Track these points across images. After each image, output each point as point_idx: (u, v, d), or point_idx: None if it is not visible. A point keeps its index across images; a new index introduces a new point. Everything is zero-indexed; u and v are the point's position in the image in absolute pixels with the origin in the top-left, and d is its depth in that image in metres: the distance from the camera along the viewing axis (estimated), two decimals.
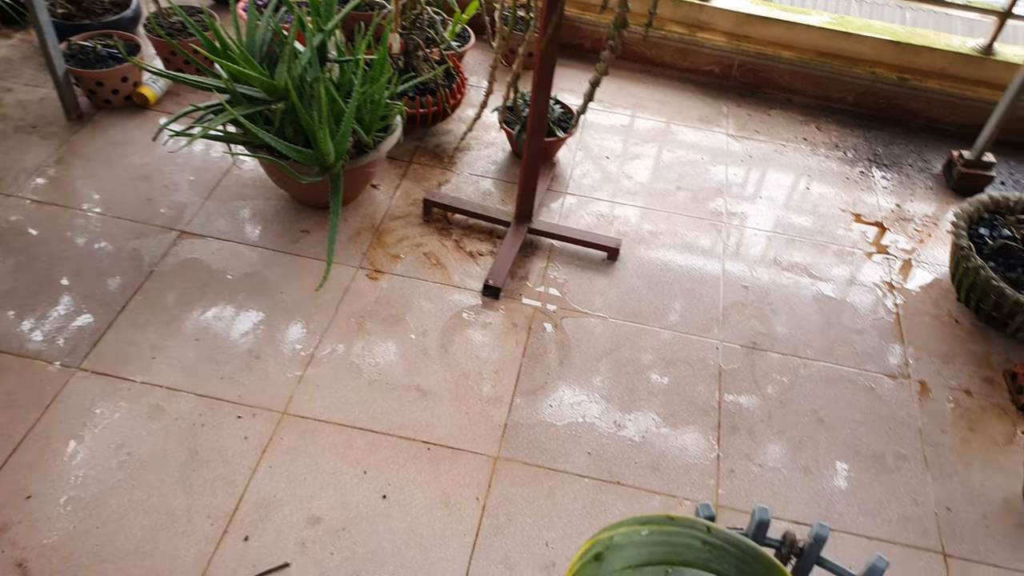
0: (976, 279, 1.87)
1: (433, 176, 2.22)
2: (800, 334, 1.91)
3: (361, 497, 1.48)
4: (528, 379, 1.72)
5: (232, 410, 1.59)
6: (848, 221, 2.27)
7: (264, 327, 1.75)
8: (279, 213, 2.03)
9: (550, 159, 2.26)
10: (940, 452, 1.70)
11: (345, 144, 1.80)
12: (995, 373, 1.88)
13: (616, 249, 1.99)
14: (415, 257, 1.97)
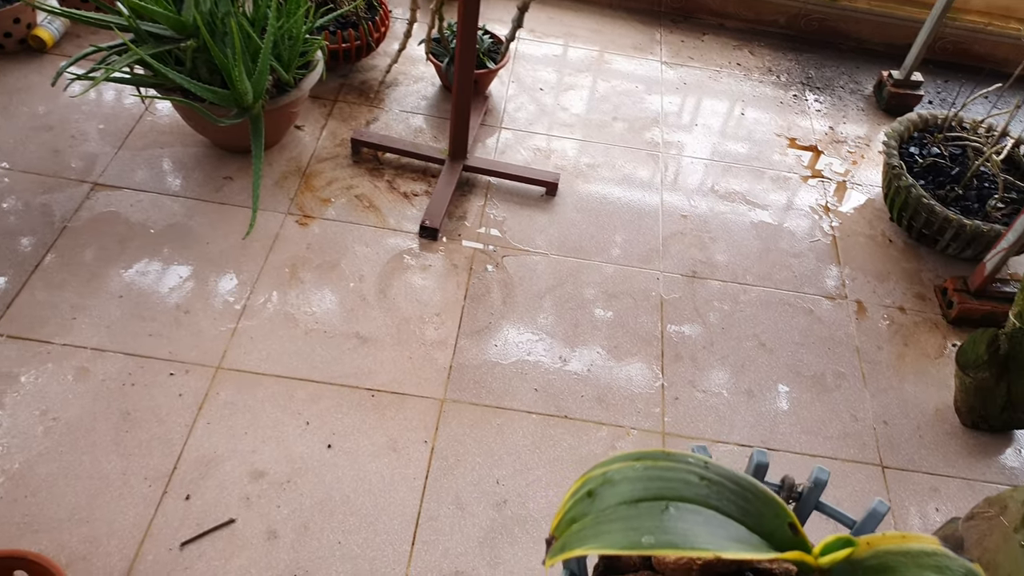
0: (907, 198, 1.90)
1: (360, 114, 2.13)
2: (739, 261, 1.92)
3: (305, 448, 1.45)
4: (471, 320, 1.69)
5: (164, 367, 1.53)
6: (783, 146, 2.27)
7: (192, 280, 1.67)
8: (200, 160, 1.93)
9: (482, 92, 2.19)
10: (877, 369, 1.74)
11: (263, 83, 1.70)
12: (927, 289, 1.92)
13: (554, 184, 1.95)
14: (346, 200, 1.90)
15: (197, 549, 1.31)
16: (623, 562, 0.47)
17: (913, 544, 0.38)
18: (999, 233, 1.80)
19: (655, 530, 0.36)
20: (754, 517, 0.39)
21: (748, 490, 0.40)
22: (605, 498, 0.38)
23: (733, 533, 0.38)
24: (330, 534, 1.35)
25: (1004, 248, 1.74)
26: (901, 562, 0.37)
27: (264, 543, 1.32)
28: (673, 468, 0.40)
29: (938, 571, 0.36)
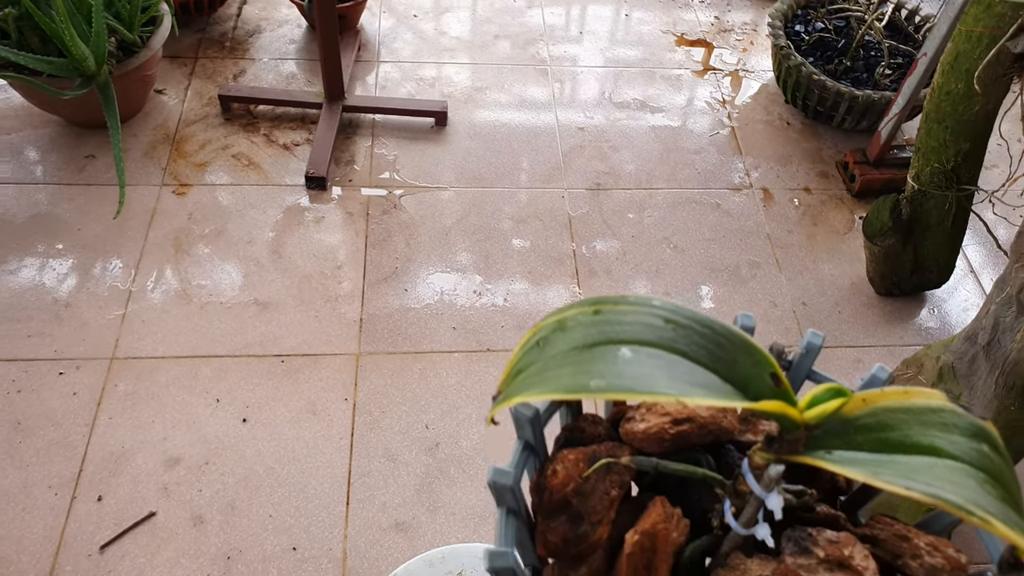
0: (799, 77, 1.88)
1: (226, 69, 1.99)
2: (642, 166, 1.88)
3: (219, 427, 1.37)
4: (376, 268, 1.61)
5: (51, 368, 1.41)
6: (672, 44, 2.22)
7: (68, 271, 1.55)
8: (55, 141, 1.77)
9: (352, 27, 2.06)
10: (790, 252, 1.74)
11: (103, 45, 1.55)
12: (828, 166, 1.92)
13: (443, 113, 1.87)
14: (223, 161, 1.77)
15: (119, 549, 1.23)
16: (587, 433, 0.42)
17: (917, 400, 0.34)
18: (890, 100, 1.80)
19: (608, 374, 0.31)
20: (728, 365, 0.34)
21: (721, 335, 0.35)
22: (556, 345, 0.32)
23: (701, 379, 0.32)
24: (259, 509, 1.28)
25: (896, 114, 1.74)
26: (902, 419, 0.33)
27: (190, 530, 1.25)
28: (635, 311, 0.34)
29: (944, 429, 0.32)
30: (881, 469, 0.31)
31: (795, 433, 0.33)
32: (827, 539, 0.37)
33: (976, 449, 0.31)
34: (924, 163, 1.50)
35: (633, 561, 0.36)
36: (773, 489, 0.34)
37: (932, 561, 0.37)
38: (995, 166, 1.97)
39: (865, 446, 0.32)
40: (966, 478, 0.30)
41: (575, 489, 0.39)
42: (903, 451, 0.32)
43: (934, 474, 0.30)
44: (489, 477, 0.37)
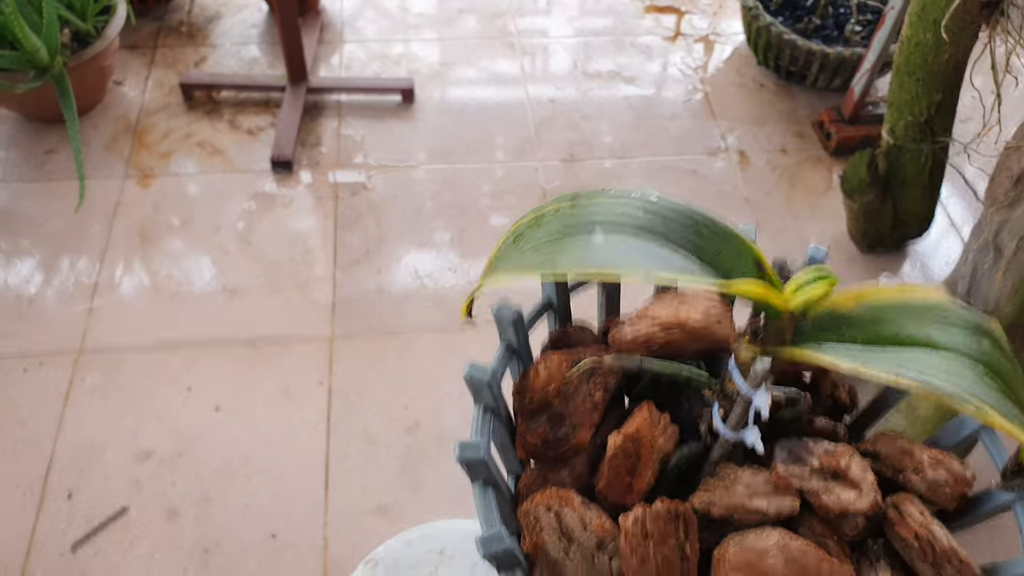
0: (769, 37, 1.85)
1: (186, 56, 1.95)
2: (615, 135, 1.85)
3: (191, 417, 1.34)
4: (347, 250, 1.58)
5: (15, 365, 1.38)
6: (640, 11, 2.19)
7: (31, 268, 1.52)
8: (14, 137, 1.73)
9: (314, 8, 2.02)
10: (769, 214, 1.72)
11: (55, 36, 1.51)
12: (804, 126, 1.90)
13: (409, 90, 1.83)
14: (187, 150, 1.74)
15: (92, 547, 1.21)
16: (574, 340, 0.40)
17: (915, 297, 0.32)
18: (861, 56, 1.78)
19: (578, 254, 0.29)
20: (709, 254, 0.32)
21: (703, 224, 0.32)
22: (530, 238, 0.31)
23: (678, 264, 0.30)
24: (235, 499, 1.26)
25: (868, 69, 1.71)
26: (897, 315, 0.31)
27: (165, 524, 1.23)
28: (613, 202, 0.32)
29: (942, 323, 0.30)
30: (871, 359, 0.28)
31: (780, 322, 0.30)
32: (823, 449, 0.35)
33: (976, 344, 0.29)
34: (898, 116, 1.48)
35: (615, 465, 0.34)
36: (760, 386, 0.32)
37: (935, 475, 0.35)
38: (970, 119, 1.95)
39: (858, 340, 0.30)
40: (963, 369, 0.28)
41: (557, 389, 0.37)
42: (897, 344, 0.30)
43: (928, 364, 0.28)
44: (465, 372, 0.34)
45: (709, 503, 0.33)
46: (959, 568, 0.32)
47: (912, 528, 0.33)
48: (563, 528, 0.33)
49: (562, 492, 0.34)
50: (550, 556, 0.33)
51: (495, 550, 0.29)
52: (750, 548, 0.31)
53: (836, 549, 0.33)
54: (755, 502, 0.33)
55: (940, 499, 0.35)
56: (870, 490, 0.33)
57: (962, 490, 0.35)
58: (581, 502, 0.34)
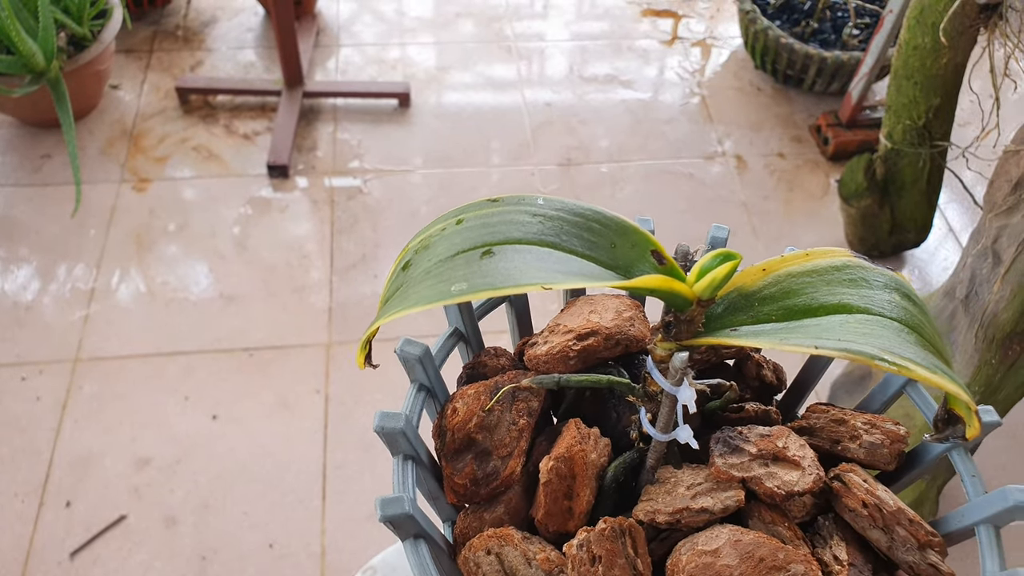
0: (766, 41, 1.85)
1: (182, 60, 1.94)
2: (612, 139, 1.85)
3: (189, 425, 1.33)
4: (343, 255, 1.58)
5: (13, 373, 1.38)
6: (638, 15, 2.19)
7: (27, 274, 1.51)
8: (9, 143, 1.72)
9: (309, 11, 2.02)
10: (766, 219, 1.72)
11: (51, 40, 1.50)
12: (802, 131, 1.90)
13: (405, 94, 1.83)
14: (183, 154, 1.73)
15: (90, 555, 1.20)
16: (489, 368, 0.39)
17: (820, 260, 0.31)
18: (859, 60, 1.77)
19: (471, 276, 0.28)
20: (605, 251, 0.31)
21: (594, 220, 0.31)
22: (419, 264, 0.29)
23: (575, 268, 0.30)
24: (233, 507, 1.25)
25: (865, 73, 1.71)
26: (807, 283, 0.31)
27: (163, 532, 1.22)
28: (500, 212, 0.31)
29: (853, 284, 0.30)
30: (788, 335, 0.28)
31: (690, 311, 0.29)
32: (758, 434, 0.34)
33: (889, 300, 0.29)
34: (895, 120, 1.48)
35: (551, 490, 0.34)
36: (683, 381, 0.31)
37: (871, 438, 0.35)
38: (968, 123, 1.95)
39: (772, 317, 0.29)
40: (880, 329, 0.28)
41: (478, 424, 0.36)
42: (812, 315, 0.29)
43: (846, 330, 0.28)
44: (376, 423, 0.33)
45: (654, 512, 0.33)
46: (909, 528, 0.31)
47: (859, 496, 0.32)
48: (507, 569, 0.32)
49: (500, 531, 0.33)
50: None
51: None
52: (702, 551, 0.31)
53: (789, 534, 0.33)
54: (699, 501, 0.32)
55: (880, 461, 0.35)
56: (812, 467, 0.33)
57: (899, 448, 0.35)
58: (522, 538, 0.33)
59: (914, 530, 0.31)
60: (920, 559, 0.31)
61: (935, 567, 0.31)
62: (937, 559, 0.31)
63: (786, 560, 0.30)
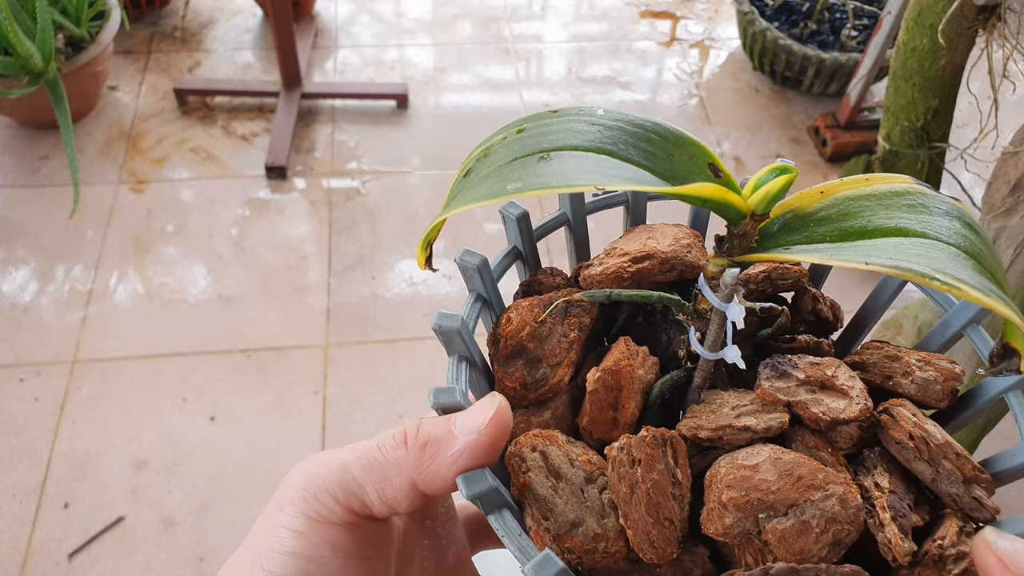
0: (764, 42, 1.85)
1: (180, 62, 1.94)
2: None
3: (187, 426, 1.33)
4: (341, 257, 1.58)
5: (10, 374, 1.37)
6: (636, 16, 2.19)
7: (25, 275, 1.51)
8: (7, 144, 1.72)
9: (308, 13, 2.02)
10: None
11: (50, 41, 1.50)
12: (800, 132, 1.90)
13: (403, 95, 1.83)
14: (181, 155, 1.73)
15: (88, 556, 1.20)
16: (545, 285, 0.40)
17: (880, 185, 0.30)
18: (857, 61, 1.78)
19: (526, 176, 0.28)
20: (662, 161, 0.31)
21: (652, 131, 0.31)
22: (479, 171, 0.30)
23: (631, 174, 0.29)
24: (231, 508, 1.25)
25: (864, 75, 1.71)
26: (865, 207, 0.29)
27: (161, 533, 1.22)
28: (559, 122, 0.32)
29: (911, 210, 0.29)
30: (840, 251, 0.27)
31: (743, 226, 0.29)
32: (808, 362, 0.34)
33: (948, 227, 0.28)
34: (894, 122, 1.48)
35: (597, 399, 0.34)
36: (732, 298, 0.31)
37: (924, 375, 0.35)
38: (967, 124, 1.95)
39: (827, 238, 0.29)
40: (936, 251, 0.27)
41: (531, 333, 0.36)
42: (867, 236, 0.28)
43: (900, 250, 0.27)
44: (434, 322, 0.33)
45: (696, 427, 0.33)
46: (956, 462, 0.31)
47: (906, 429, 0.32)
48: (549, 467, 0.32)
49: (546, 432, 0.33)
50: (538, 494, 0.32)
51: (478, 490, 0.29)
52: (741, 464, 0.31)
53: (831, 460, 0.32)
54: (743, 420, 0.32)
55: (931, 398, 0.35)
56: (860, 397, 0.33)
57: (953, 386, 0.34)
58: (566, 440, 0.33)
59: (960, 463, 0.31)
60: (964, 491, 0.31)
61: (979, 500, 0.31)
62: (982, 493, 0.31)
63: (825, 480, 0.30)
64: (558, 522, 0.31)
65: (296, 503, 0.29)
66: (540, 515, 0.31)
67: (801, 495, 0.30)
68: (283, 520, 0.29)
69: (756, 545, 0.31)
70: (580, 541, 0.31)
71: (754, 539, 0.30)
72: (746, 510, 0.30)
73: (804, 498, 0.30)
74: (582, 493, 0.32)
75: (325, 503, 0.29)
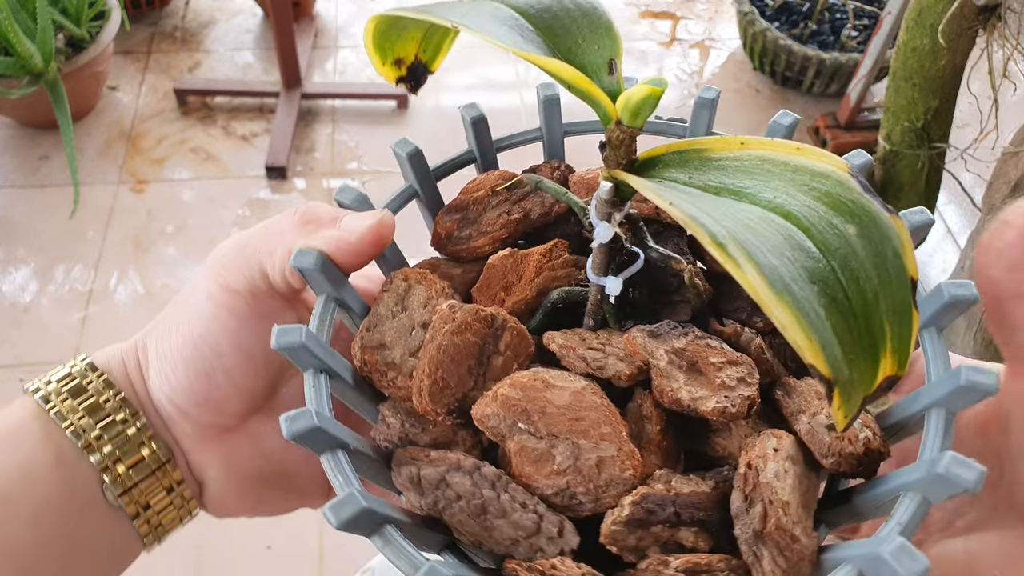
0: (764, 42, 1.85)
1: (180, 62, 1.94)
2: None
3: None
4: None
5: (10, 374, 1.37)
6: (636, 16, 2.19)
7: (25, 275, 1.51)
8: (7, 144, 1.72)
9: (308, 14, 2.02)
10: None
11: (50, 42, 1.50)
12: (800, 132, 1.90)
13: (404, 96, 1.83)
14: (181, 156, 1.73)
15: None
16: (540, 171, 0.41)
17: (806, 160, 0.24)
18: (857, 62, 1.78)
19: (448, 13, 0.27)
20: (568, 39, 0.29)
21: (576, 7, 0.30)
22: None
23: (529, 47, 0.28)
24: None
25: (864, 75, 1.71)
26: (768, 171, 0.24)
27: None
28: None
29: (810, 192, 0.23)
30: (682, 196, 0.23)
31: (609, 131, 0.27)
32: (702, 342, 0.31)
33: (832, 225, 0.23)
34: (894, 122, 1.48)
35: (492, 274, 0.34)
36: (609, 218, 0.28)
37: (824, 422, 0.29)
38: (967, 124, 1.95)
39: (709, 188, 0.25)
40: (776, 235, 0.22)
41: (480, 198, 0.38)
42: (739, 199, 0.24)
43: (733, 217, 0.22)
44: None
45: (551, 339, 0.31)
46: (771, 512, 0.26)
47: (749, 457, 0.28)
48: (406, 297, 0.33)
49: (426, 273, 0.33)
50: (379, 311, 0.32)
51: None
52: (544, 378, 0.28)
53: (655, 436, 0.29)
54: (586, 352, 0.30)
55: (817, 450, 0.29)
56: (726, 400, 0.28)
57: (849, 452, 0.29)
58: (442, 289, 0.33)
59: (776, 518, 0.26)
60: (751, 542, 0.26)
61: (757, 557, 0.26)
62: (767, 558, 0.26)
63: (600, 438, 0.27)
64: (373, 337, 0.32)
65: (208, 274, 0.33)
66: (367, 325, 0.32)
67: (569, 433, 0.28)
68: (201, 287, 0.33)
69: (502, 450, 0.29)
70: (378, 360, 0.31)
71: (504, 441, 0.28)
72: (511, 413, 0.28)
73: (569, 437, 0.28)
74: (411, 331, 0.32)
75: (234, 271, 0.33)
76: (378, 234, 0.32)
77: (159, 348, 0.33)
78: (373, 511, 0.25)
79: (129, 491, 0.32)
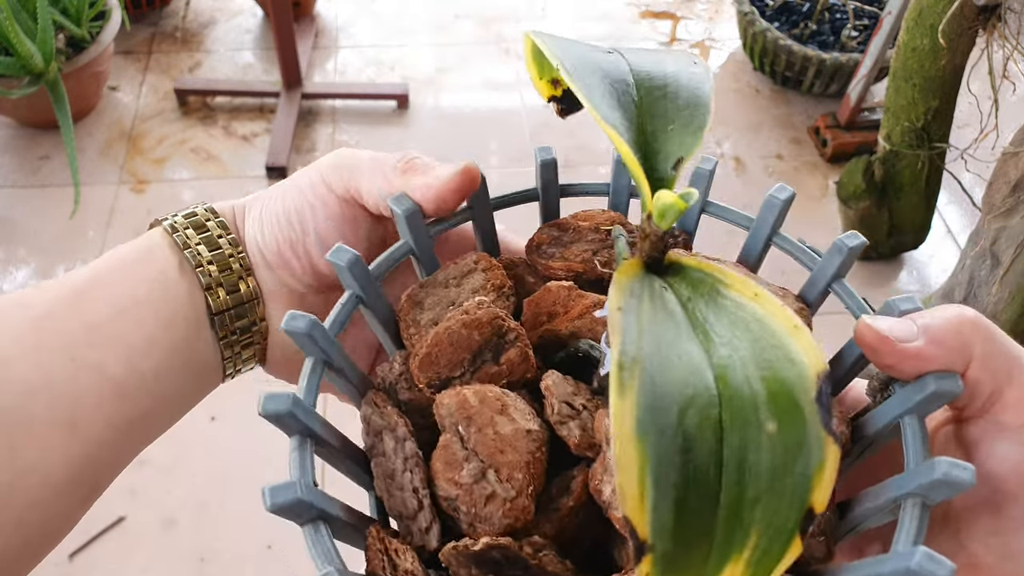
0: (765, 42, 1.85)
1: (181, 62, 1.94)
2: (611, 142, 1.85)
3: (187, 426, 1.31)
4: None
5: None
6: (636, 16, 2.19)
7: (25, 275, 1.51)
8: (8, 144, 1.72)
9: (308, 14, 2.02)
10: None
11: (50, 42, 1.50)
12: (800, 132, 1.90)
13: (404, 96, 1.83)
14: (181, 156, 1.73)
15: (88, 557, 1.20)
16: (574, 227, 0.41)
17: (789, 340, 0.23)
18: (857, 62, 1.78)
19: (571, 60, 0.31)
20: (657, 121, 0.30)
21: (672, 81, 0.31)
22: None
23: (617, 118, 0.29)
24: (232, 507, 1.25)
25: (864, 75, 1.71)
26: (750, 330, 0.24)
27: (161, 534, 1.22)
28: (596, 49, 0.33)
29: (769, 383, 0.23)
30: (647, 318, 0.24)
31: (645, 225, 0.27)
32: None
33: (755, 410, 0.22)
34: (894, 122, 1.48)
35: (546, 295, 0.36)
36: None
37: None
38: (967, 125, 1.95)
39: (694, 319, 0.26)
40: (690, 390, 0.22)
41: (579, 228, 0.40)
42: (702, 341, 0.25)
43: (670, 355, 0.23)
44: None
45: (547, 376, 0.32)
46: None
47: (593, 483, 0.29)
48: (466, 277, 0.36)
49: (497, 266, 0.37)
50: (439, 275, 0.36)
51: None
52: (507, 400, 0.31)
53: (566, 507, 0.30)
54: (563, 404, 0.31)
55: None
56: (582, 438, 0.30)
57: None
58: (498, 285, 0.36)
59: None
60: None
61: None
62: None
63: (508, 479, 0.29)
64: (419, 294, 0.35)
65: (319, 166, 0.38)
66: (424, 281, 0.36)
67: (487, 458, 0.29)
68: (309, 171, 0.38)
69: None
70: (410, 314, 0.35)
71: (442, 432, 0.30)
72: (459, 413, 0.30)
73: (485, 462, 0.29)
74: (449, 306, 0.35)
75: (337, 175, 0.37)
76: (463, 181, 0.35)
77: (263, 207, 0.38)
78: (311, 504, 0.27)
79: (224, 313, 0.37)
